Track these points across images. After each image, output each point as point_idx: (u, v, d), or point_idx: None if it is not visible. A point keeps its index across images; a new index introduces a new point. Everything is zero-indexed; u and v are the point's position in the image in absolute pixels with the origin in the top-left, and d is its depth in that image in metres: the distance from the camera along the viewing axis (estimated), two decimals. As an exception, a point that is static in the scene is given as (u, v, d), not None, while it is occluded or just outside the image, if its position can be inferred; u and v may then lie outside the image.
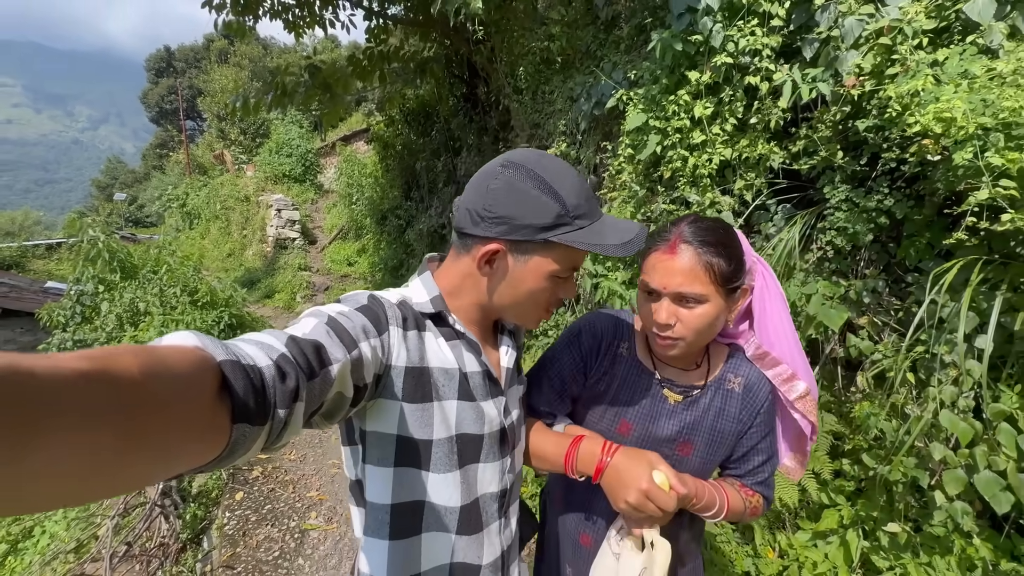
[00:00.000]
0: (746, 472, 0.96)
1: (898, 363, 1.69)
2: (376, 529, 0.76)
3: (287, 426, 0.49)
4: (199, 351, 0.41)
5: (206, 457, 0.41)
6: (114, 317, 4.90)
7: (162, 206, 19.86)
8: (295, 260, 10.91)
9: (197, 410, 0.39)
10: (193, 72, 38.63)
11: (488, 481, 0.82)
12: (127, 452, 0.32)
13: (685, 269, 0.79)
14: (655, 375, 0.94)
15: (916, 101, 1.41)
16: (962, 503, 1.50)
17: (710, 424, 0.92)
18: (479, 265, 0.75)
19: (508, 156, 0.75)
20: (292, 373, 0.50)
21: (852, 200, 1.90)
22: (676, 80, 2.39)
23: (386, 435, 0.73)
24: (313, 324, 0.61)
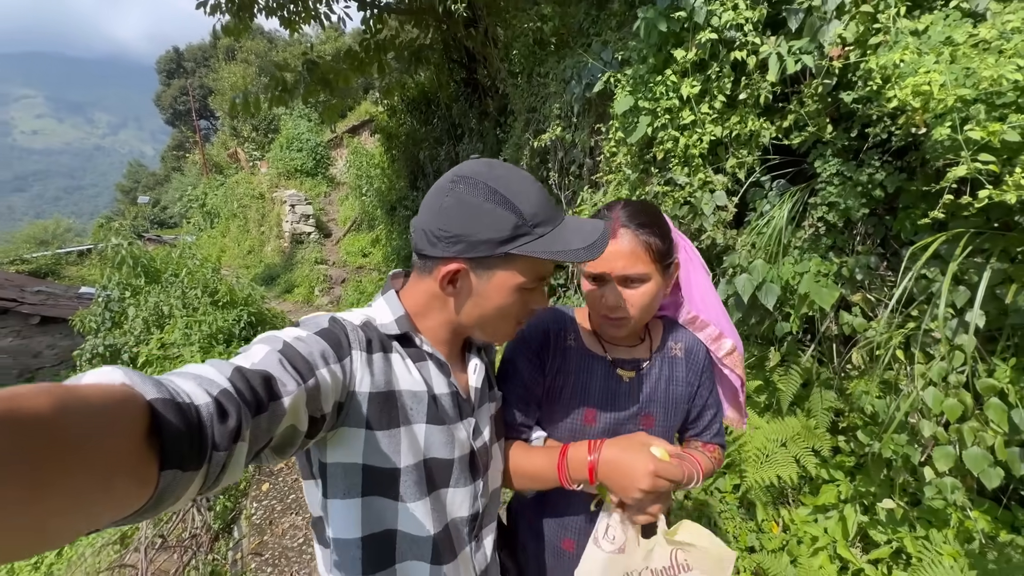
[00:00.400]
0: (703, 429, 1.03)
1: (889, 340, 1.67)
2: (349, 566, 0.72)
3: (226, 468, 0.45)
4: (126, 388, 0.38)
5: (129, 508, 0.37)
6: (140, 321, 5.13)
7: (183, 207, 20.35)
8: (311, 254, 11.12)
9: (120, 456, 0.34)
10: (203, 71, 39.01)
11: (459, 505, 0.79)
12: (35, 505, 0.28)
13: (627, 252, 0.84)
14: (606, 357, 0.98)
15: (897, 73, 1.37)
16: (952, 479, 1.50)
17: (664, 391, 0.98)
18: (442, 286, 0.72)
19: (457, 170, 0.73)
20: (233, 411, 0.46)
21: (843, 174, 1.85)
22: (663, 59, 2.33)
23: (351, 465, 0.69)
24: (264, 352, 0.57)
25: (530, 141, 3.88)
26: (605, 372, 0.97)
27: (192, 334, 4.90)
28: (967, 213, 1.52)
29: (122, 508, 0.36)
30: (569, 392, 0.97)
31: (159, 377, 0.43)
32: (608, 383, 0.97)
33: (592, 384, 0.97)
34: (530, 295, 0.75)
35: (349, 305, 8.04)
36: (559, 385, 0.98)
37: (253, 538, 2.88)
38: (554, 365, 0.97)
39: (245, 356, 0.57)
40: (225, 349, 4.96)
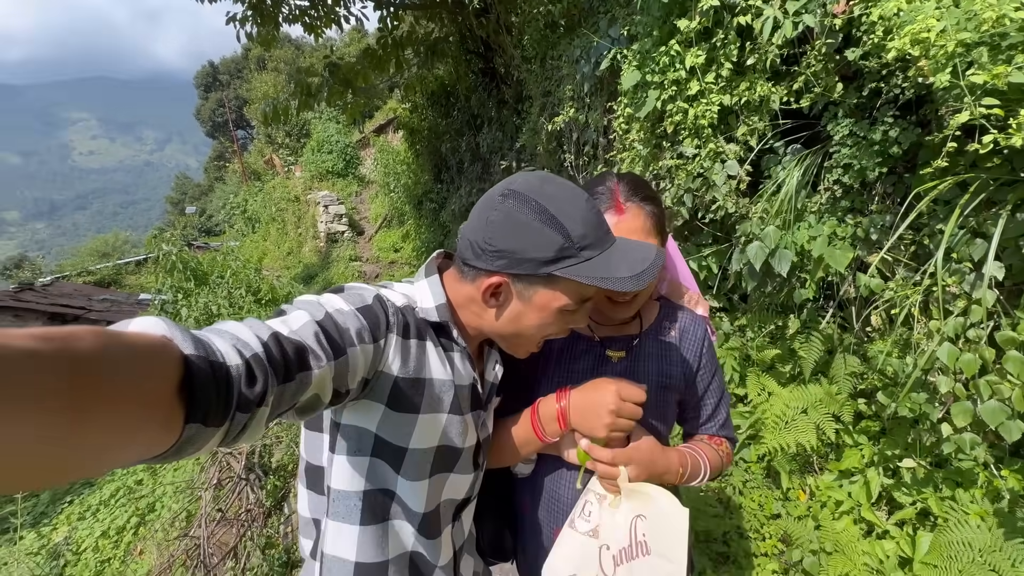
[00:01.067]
0: (706, 418, 0.98)
1: (906, 298, 1.64)
2: (346, 515, 0.75)
3: (245, 429, 0.47)
4: (165, 340, 0.40)
5: (152, 451, 0.39)
6: (192, 321, 5.51)
7: (226, 214, 21.35)
8: (346, 252, 11.51)
9: (153, 401, 0.37)
10: (237, 83, 40.59)
11: (456, 490, 0.82)
12: (74, 438, 0.30)
13: (638, 228, 0.79)
14: (593, 338, 0.95)
15: (898, 22, 1.34)
16: (971, 435, 1.47)
17: (656, 372, 0.93)
18: (484, 298, 0.73)
19: (509, 183, 0.72)
20: (262, 377, 0.47)
21: (857, 134, 1.81)
22: (668, 31, 2.32)
23: (364, 431, 0.72)
24: (304, 321, 0.58)
25: (545, 125, 3.91)
26: (592, 353, 0.94)
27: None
28: (989, 164, 1.47)
29: (148, 449, 0.38)
30: (550, 375, 0.94)
31: (198, 332, 0.46)
32: (595, 364, 0.93)
33: (577, 366, 0.94)
34: (570, 316, 0.75)
35: (383, 299, 8.29)
36: (541, 369, 0.95)
37: (301, 513, 3.10)
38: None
39: (284, 321, 0.58)
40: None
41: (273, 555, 2.66)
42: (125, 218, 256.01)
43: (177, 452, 0.41)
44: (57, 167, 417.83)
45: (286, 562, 2.68)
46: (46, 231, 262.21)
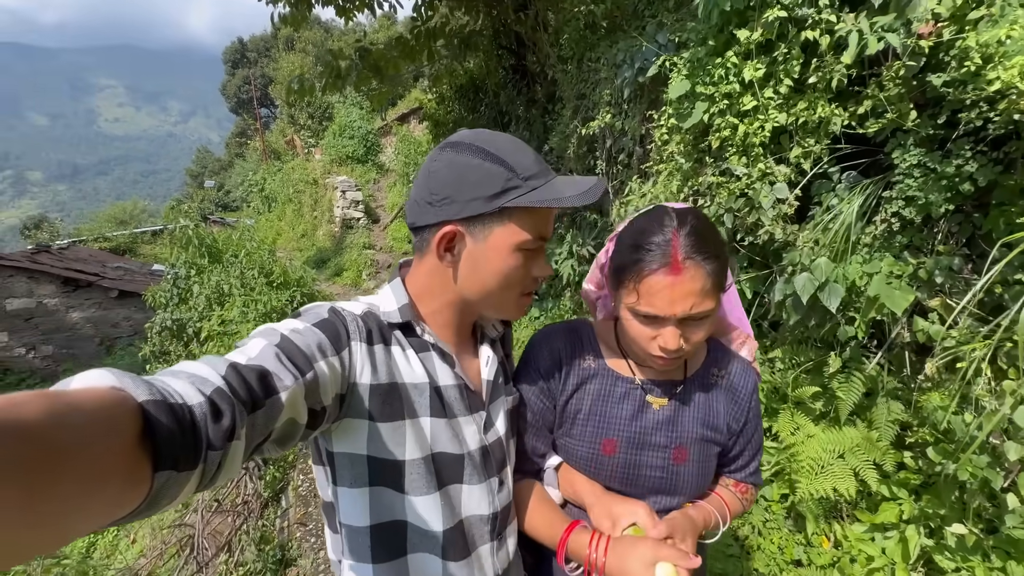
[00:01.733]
0: (739, 467, 0.93)
1: (973, 350, 1.51)
2: (358, 553, 0.72)
3: (221, 467, 0.45)
4: (116, 391, 0.38)
5: (122, 510, 0.37)
6: (204, 298, 5.47)
7: (244, 191, 21.50)
8: (360, 239, 11.48)
9: (113, 458, 0.34)
10: (264, 61, 40.82)
11: (476, 503, 0.76)
12: (31, 511, 0.28)
13: (696, 291, 0.71)
14: (633, 379, 0.87)
15: (1001, 51, 1.21)
16: (1041, 508, 1.34)
17: (700, 420, 0.86)
18: (439, 254, 0.70)
19: (446, 140, 0.72)
20: (228, 410, 0.45)
21: (926, 166, 1.68)
22: (724, 41, 2.19)
23: (356, 456, 0.69)
24: (261, 347, 0.57)
25: (578, 129, 3.79)
26: (632, 396, 0.86)
27: (249, 312, 5.18)
28: None
29: (117, 509, 0.36)
30: (584, 418, 0.87)
31: (150, 378, 0.43)
32: (634, 409, 0.86)
33: (614, 411, 0.86)
34: (531, 259, 0.73)
35: (394, 290, 8.23)
36: (574, 409, 0.88)
37: (299, 509, 3.03)
38: (566, 388, 0.88)
39: (241, 351, 0.57)
40: (278, 328, 5.21)
41: (268, 551, 2.59)
42: (145, 187, 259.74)
43: (151, 506, 0.39)
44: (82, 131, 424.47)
45: (280, 559, 2.61)
46: (67, 193, 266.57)
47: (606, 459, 0.85)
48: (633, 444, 0.85)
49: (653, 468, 0.84)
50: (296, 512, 2.98)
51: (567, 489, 0.88)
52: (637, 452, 0.85)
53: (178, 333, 5.58)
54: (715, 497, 0.89)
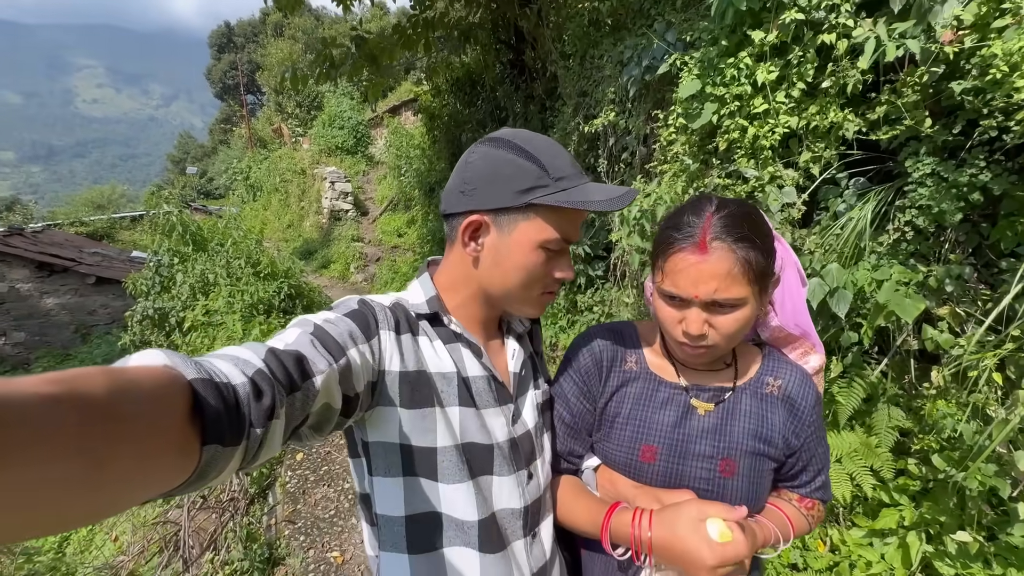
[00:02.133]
0: (804, 482, 0.86)
1: (983, 360, 1.51)
2: (394, 543, 0.72)
3: (263, 445, 0.47)
4: (168, 370, 0.40)
5: (175, 480, 0.39)
6: (187, 287, 5.31)
7: (228, 179, 21.03)
8: (348, 231, 11.31)
9: (166, 432, 0.37)
10: (252, 47, 39.96)
11: (506, 496, 0.75)
12: (96, 478, 0.31)
13: (721, 273, 0.68)
14: (679, 383, 0.83)
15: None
16: (1048, 518, 1.35)
17: (751, 432, 0.80)
18: (464, 242, 0.72)
19: (486, 136, 0.74)
20: (268, 390, 0.48)
21: (940, 174, 1.68)
22: (737, 41, 2.17)
23: (390, 444, 0.70)
24: (297, 334, 0.59)
25: (580, 126, 3.75)
26: (676, 401, 0.82)
27: (235, 303, 5.05)
28: None
29: (170, 480, 0.38)
30: (623, 422, 0.83)
31: (198, 359, 0.45)
32: (678, 414, 0.81)
33: (656, 416, 0.82)
34: (554, 259, 0.74)
35: (383, 283, 8.14)
36: (613, 412, 0.84)
37: (287, 505, 2.95)
38: (606, 389, 0.85)
39: (279, 338, 0.59)
40: (265, 320, 5.10)
41: (255, 549, 2.51)
42: (124, 171, 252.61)
43: (200, 478, 0.41)
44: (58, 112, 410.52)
45: (268, 558, 2.53)
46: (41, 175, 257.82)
47: (645, 466, 0.81)
48: (675, 452, 0.80)
49: (697, 480, 0.79)
50: (284, 509, 2.91)
51: (607, 487, 0.84)
52: (679, 461, 0.80)
53: (160, 322, 5.41)
54: (777, 513, 0.82)
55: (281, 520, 2.83)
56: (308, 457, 3.47)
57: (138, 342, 5.51)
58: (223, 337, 4.74)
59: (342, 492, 3.11)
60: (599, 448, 0.86)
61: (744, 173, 2.15)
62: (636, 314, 3.39)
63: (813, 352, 0.86)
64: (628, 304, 3.51)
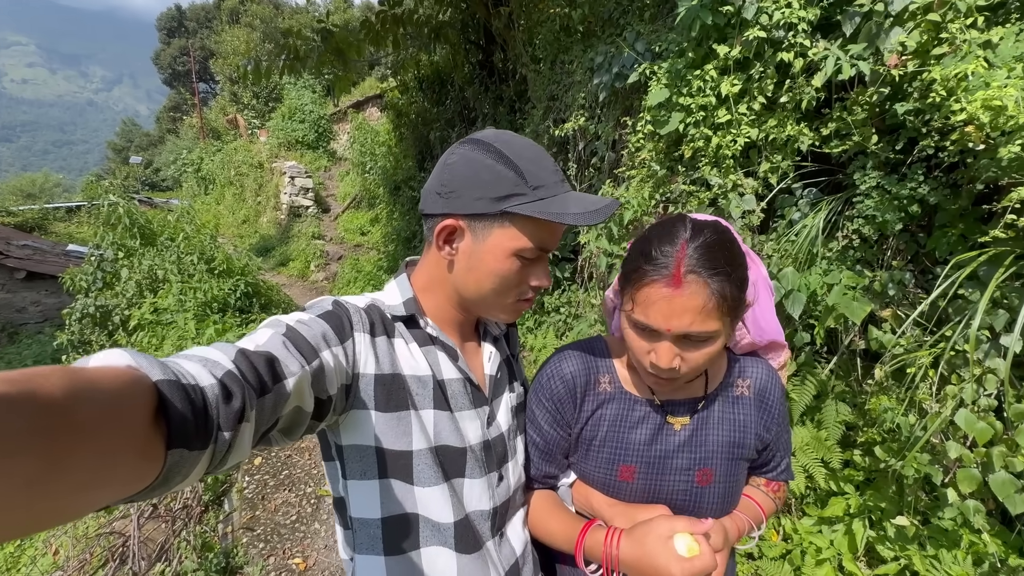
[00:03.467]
0: (771, 468, 0.88)
1: (919, 358, 1.65)
2: (369, 546, 0.71)
3: (231, 449, 0.46)
4: (132, 371, 0.39)
5: (137, 485, 0.37)
6: (134, 284, 5.01)
7: (177, 170, 19.93)
8: (309, 228, 10.97)
9: (128, 435, 0.35)
10: (205, 32, 38.04)
11: (477, 498, 0.75)
12: (50, 482, 0.29)
13: (695, 307, 0.65)
14: (653, 401, 0.82)
15: (963, 86, 1.33)
16: (974, 501, 1.49)
17: (726, 440, 0.81)
18: (439, 245, 0.71)
19: (470, 136, 0.73)
20: (238, 392, 0.47)
21: (884, 187, 1.82)
22: (703, 54, 2.27)
23: (364, 447, 0.69)
24: (268, 335, 0.58)
25: (550, 129, 3.81)
26: (652, 419, 0.81)
27: (187, 300, 4.80)
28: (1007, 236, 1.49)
29: (132, 485, 0.37)
30: (600, 444, 0.82)
31: (165, 359, 0.44)
32: (652, 433, 0.81)
33: (632, 435, 0.81)
34: (529, 268, 0.73)
35: (345, 282, 7.94)
36: (589, 436, 0.84)
37: (245, 512, 2.83)
38: (581, 415, 0.84)
39: (250, 339, 0.57)
40: (220, 318, 4.87)
41: (211, 559, 2.39)
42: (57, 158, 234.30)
43: (164, 482, 0.40)
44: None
45: (224, 567, 2.42)
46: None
47: (624, 485, 0.81)
48: (653, 469, 0.80)
49: (675, 492, 0.79)
50: (242, 516, 2.79)
51: (581, 503, 0.85)
52: (657, 477, 0.80)
53: (102, 321, 5.07)
54: (747, 502, 0.84)
55: (238, 527, 2.71)
56: (267, 461, 3.34)
57: (76, 342, 5.14)
58: (173, 337, 4.50)
59: (304, 496, 3.02)
60: (576, 468, 0.87)
61: (709, 180, 2.24)
62: (601, 315, 3.47)
63: (780, 350, 0.89)
64: (595, 306, 3.59)
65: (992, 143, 1.33)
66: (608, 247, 2.88)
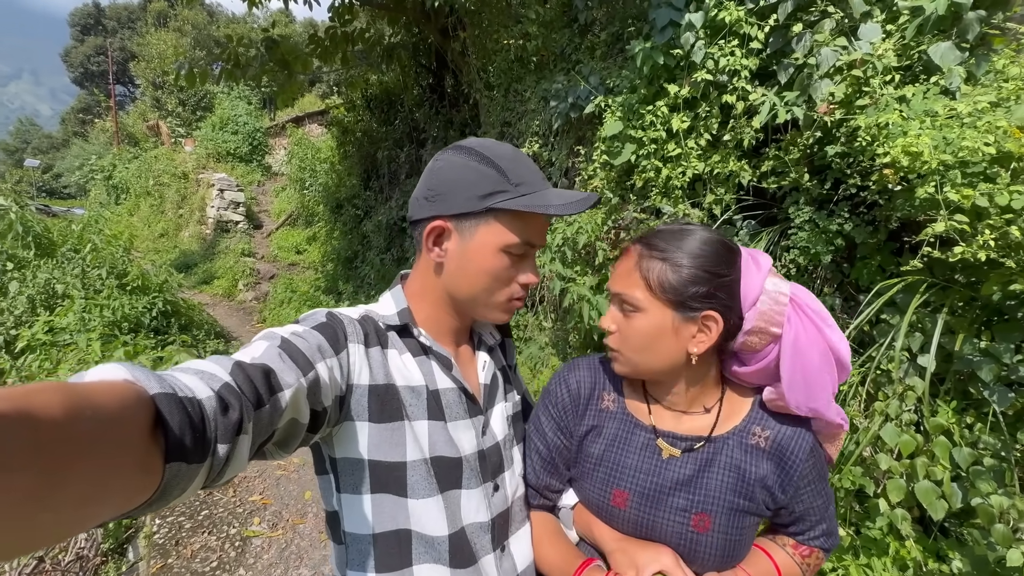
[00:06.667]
0: (800, 532, 0.79)
1: (850, 376, 1.79)
2: (360, 563, 0.70)
3: (229, 461, 0.46)
4: (130, 385, 0.38)
5: (136, 499, 0.37)
6: (25, 299, 4.38)
7: (83, 176, 18.08)
8: (238, 245, 10.25)
9: (127, 449, 0.36)
10: (126, 33, 35.42)
11: (473, 510, 0.74)
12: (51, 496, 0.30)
13: (625, 270, 0.74)
14: (647, 425, 0.80)
15: (884, 133, 1.50)
16: (902, 510, 1.61)
17: (729, 488, 0.75)
18: (428, 247, 0.73)
19: (455, 142, 0.76)
20: (236, 404, 0.46)
21: (815, 221, 2.00)
22: (654, 92, 2.43)
23: (357, 461, 0.69)
24: (264, 347, 0.58)
25: (503, 154, 3.87)
26: (650, 448, 0.79)
27: (91, 319, 4.26)
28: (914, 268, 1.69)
29: (131, 499, 0.37)
30: (596, 462, 0.81)
31: (161, 373, 0.44)
32: (652, 462, 0.78)
33: (628, 460, 0.79)
34: (518, 264, 0.75)
35: (278, 303, 7.46)
36: (587, 452, 0.82)
37: (154, 561, 2.48)
38: (581, 426, 0.83)
39: (246, 352, 0.58)
40: (132, 339, 4.36)
41: (110, 619, 2.05)
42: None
43: (162, 496, 0.40)
44: None
45: (127, 628, 2.09)
46: None
47: (617, 512, 0.78)
48: (646, 500, 0.77)
49: (669, 533, 0.75)
50: (150, 566, 2.43)
51: (584, 530, 0.82)
52: (651, 510, 0.76)
53: (-21, 341, 4.35)
54: (763, 560, 0.77)
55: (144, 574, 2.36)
56: (182, 500, 2.97)
57: (-57, 366, 4.37)
58: (73, 360, 3.95)
59: (226, 539, 2.70)
60: (577, 489, 0.85)
61: (660, 208, 2.36)
62: (552, 339, 3.50)
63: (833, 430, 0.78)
64: (545, 329, 3.61)
65: (907, 184, 1.51)
66: (562, 270, 2.92)
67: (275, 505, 3.02)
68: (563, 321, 3.30)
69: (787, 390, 0.73)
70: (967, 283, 1.64)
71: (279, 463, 3.47)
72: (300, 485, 3.23)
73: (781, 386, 0.73)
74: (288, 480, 3.29)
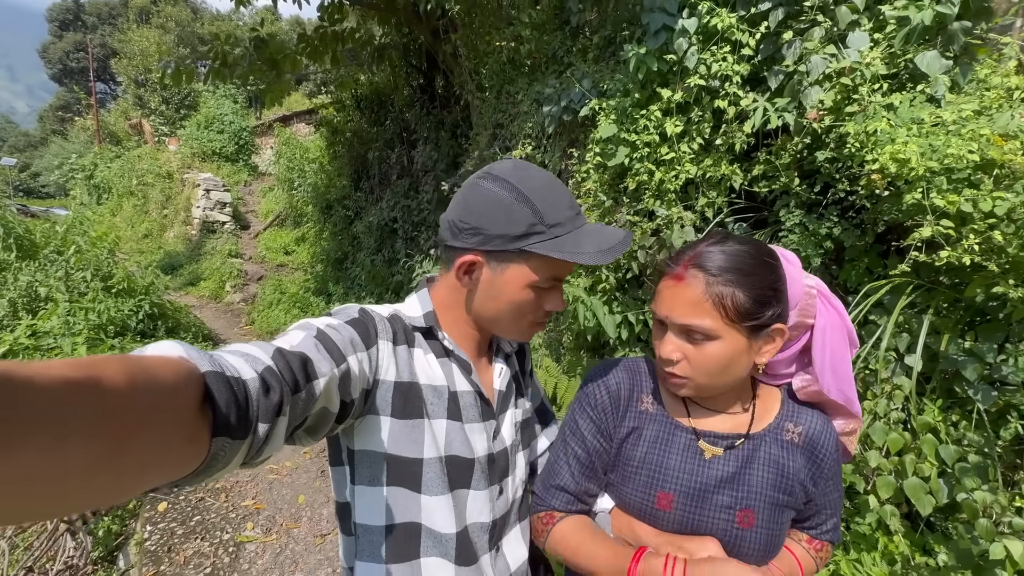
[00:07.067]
0: (815, 525, 0.84)
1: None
2: (371, 553, 0.73)
3: (268, 441, 0.48)
4: (184, 362, 0.41)
5: (183, 470, 0.40)
6: (7, 302, 4.28)
7: (63, 176, 17.69)
8: (225, 246, 10.13)
9: (180, 422, 0.38)
10: (107, 29, 34.69)
11: (478, 511, 0.77)
12: (109, 461, 0.32)
13: (690, 299, 0.70)
14: (688, 426, 0.80)
15: (873, 140, 1.54)
16: (891, 506, 1.66)
17: (771, 483, 0.77)
18: (458, 276, 0.75)
19: (490, 167, 0.76)
20: (277, 387, 0.49)
21: (805, 225, 2.05)
22: (647, 96, 2.45)
23: (376, 454, 0.71)
24: (301, 337, 0.60)
25: (497, 155, 3.88)
26: (691, 449, 0.80)
27: (76, 323, 4.18)
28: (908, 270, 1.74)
29: (179, 469, 0.40)
30: (638, 465, 0.81)
31: (211, 352, 0.47)
32: (694, 462, 0.79)
33: (671, 461, 0.79)
34: (545, 295, 0.77)
35: (267, 304, 7.38)
36: (627, 455, 0.82)
37: (146, 568, 2.44)
38: (621, 429, 0.83)
39: (284, 339, 0.60)
40: (118, 343, 4.29)
41: (102, 628, 2.03)
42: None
43: (207, 469, 0.42)
44: None
45: (119, 637, 2.06)
46: None
47: (661, 514, 0.78)
48: (692, 500, 0.77)
49: (714, 530, 0.77)
50: (143, 573, 2.40)
51: (626, 531, 0.81)
52: (696, 510, 0.77)
53: (-43, 346, 4.25)
54: (787, 556, 0.80)
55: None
56: (174, 506, 2.93)
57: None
58: (57, 364, 3.88)
59: (219, 545, 2.67)
60: (614, 492, 0.85)
61: (655, 211, 2.39)
62: (545, 339, 3.51)
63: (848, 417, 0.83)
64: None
65: (895, 189, 1.55)
66: (556, 272, 2.94)
67: (268, 510, 3.00)
68: (557, 322, 3.32)
69: (820, 375, 0.78)
70: (952, 285, 1.69)
71: (271, 466, 3.44)
72: (293, 489, 3.21)
73: (814, 370, 0.79)
74: (281, 484, 3.27)
